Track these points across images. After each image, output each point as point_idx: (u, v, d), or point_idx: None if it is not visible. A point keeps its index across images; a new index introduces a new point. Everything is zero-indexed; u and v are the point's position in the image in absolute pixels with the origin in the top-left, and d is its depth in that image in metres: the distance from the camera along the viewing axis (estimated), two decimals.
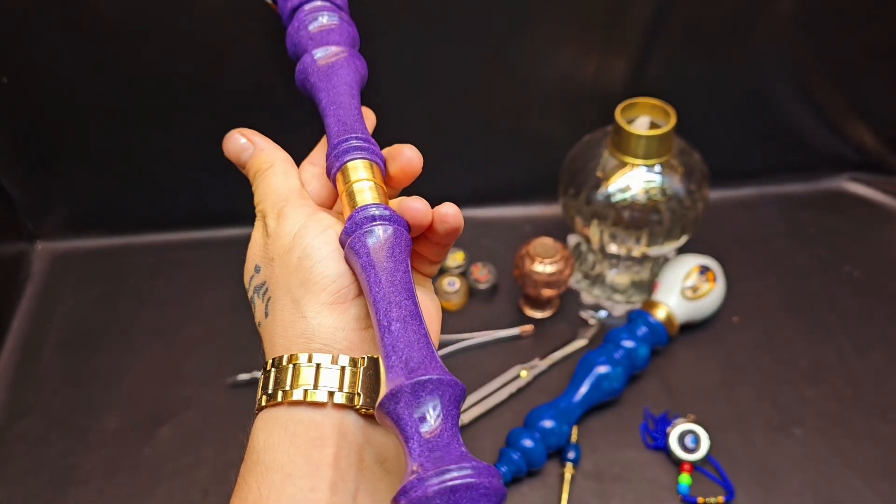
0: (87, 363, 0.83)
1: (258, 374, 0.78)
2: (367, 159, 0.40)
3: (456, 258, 0.89)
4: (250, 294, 0.39)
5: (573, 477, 0.71)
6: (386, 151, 0.42)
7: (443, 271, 0.88)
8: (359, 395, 0.34)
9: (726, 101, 0.91)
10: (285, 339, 0.36)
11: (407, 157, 0.40)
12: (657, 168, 0.76)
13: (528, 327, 0.83)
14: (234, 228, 0.96)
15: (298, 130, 0.59)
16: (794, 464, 0.72)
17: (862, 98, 0.92)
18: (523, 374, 0.79)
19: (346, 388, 0.34)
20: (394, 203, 0.39)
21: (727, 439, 0.73)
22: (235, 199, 0.96)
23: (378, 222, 0.36)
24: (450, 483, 0.27)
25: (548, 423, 0.71)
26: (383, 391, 0.31)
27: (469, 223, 0.44)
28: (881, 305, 0.85)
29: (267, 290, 0.37)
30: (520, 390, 0.78)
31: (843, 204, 0.97)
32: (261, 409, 0.36)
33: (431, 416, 0.29)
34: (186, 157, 0.90)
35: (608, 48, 0.85)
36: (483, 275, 0.87)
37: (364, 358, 0.35)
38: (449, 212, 0.38)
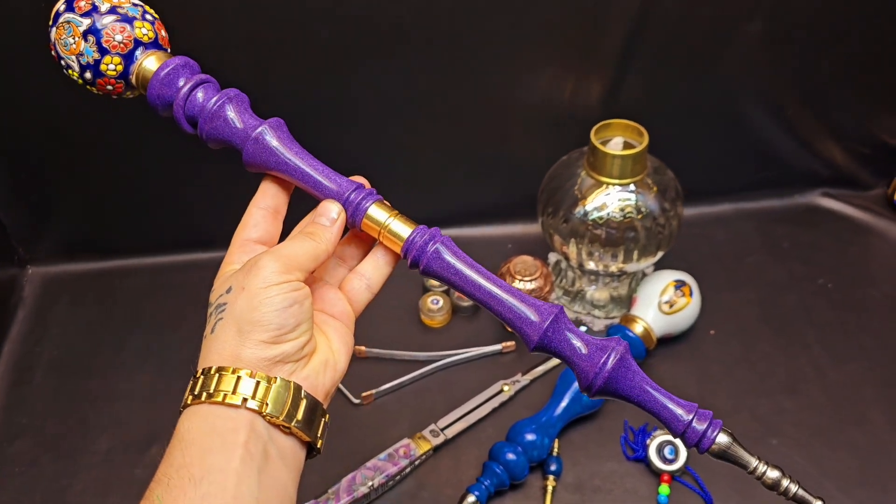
0: (79, 385, 0.84)
1: None
2: (378, 201, 0.48)
3: None
4: (210, 309, 0.45)
5: (555, 489, 0.73)
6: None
7: (427, 290, 0.90)
8: (267, 404, 0.42)
9: (700, 120, 0.94)
10: (219, 356, 0.43)
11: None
12: (632, 187, 0.78)
13: (510, 343, 0.84)
14: (223, 251, 0.97)
15: None
16: None
17: (832, 116, 0.95)
18: (506, 388, 0.80)
19: (258, 398, 0.41)
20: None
21: None
22: (225, 222, 0.98)
23: (431, 239, 0.46)
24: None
25: (530, 437, 0.72)
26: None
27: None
28: (855, 317, 0.87)
29: (224, 311, 0.44)
30: (502, 405, 0.80)
31: (816, 219, 0.99)
32: (186, 406, 0.43)
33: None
34: (176, 182, 0.92)
35: (584, 71, 0.87)
36: None
37: (277, 378, 0.42)
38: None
